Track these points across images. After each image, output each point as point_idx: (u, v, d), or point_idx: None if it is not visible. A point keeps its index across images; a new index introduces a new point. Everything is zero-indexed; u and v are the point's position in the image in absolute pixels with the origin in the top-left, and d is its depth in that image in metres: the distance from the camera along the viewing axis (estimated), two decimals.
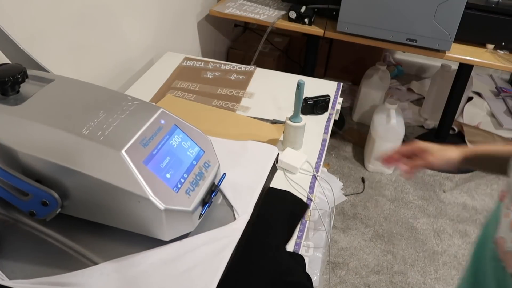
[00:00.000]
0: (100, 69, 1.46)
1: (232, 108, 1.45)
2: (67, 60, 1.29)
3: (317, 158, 1.28)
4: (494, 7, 1.68)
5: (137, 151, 0.59)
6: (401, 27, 1.70)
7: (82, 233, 0.66)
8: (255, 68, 1.68)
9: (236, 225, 0.68)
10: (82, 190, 0.61)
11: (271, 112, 1.44)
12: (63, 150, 0.59)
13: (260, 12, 2.03)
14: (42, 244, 0.65)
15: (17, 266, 0.62)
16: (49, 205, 0.61)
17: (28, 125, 0.61)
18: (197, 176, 0.65)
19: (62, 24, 1.24)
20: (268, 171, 0.78)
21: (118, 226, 0.64)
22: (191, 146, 0.67)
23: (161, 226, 0.60)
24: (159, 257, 0.62)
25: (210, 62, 1.70)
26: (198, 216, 0.64)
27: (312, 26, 1.93)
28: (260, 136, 1.31)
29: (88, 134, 0.60)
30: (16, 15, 1.07)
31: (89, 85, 0.71)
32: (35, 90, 0.67)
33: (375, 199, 2.00)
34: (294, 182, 1.22)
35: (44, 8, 1.16)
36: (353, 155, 2.40)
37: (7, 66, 0.67)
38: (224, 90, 1.55)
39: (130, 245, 0.64)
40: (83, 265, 0.62)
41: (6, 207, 0.68)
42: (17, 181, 0.60)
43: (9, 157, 0.61)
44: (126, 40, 1.57)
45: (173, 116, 0.68)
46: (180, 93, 1.52)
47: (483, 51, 1.78)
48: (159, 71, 1.64)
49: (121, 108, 0.65)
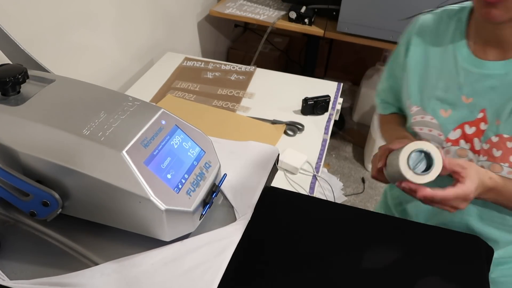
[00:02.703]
0: (101, 69, 1.46)
1: (232, 109, 1.45)
2: (67, 61, 1.29)
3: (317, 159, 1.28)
4: None
5: (138, 151, 0.59)
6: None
7: (82, 233, 0.66)
8: (255, 68, 1.68)
9: (237, 225, 0.68)
10: (82, 190, 0.61)
11: (271, 112, 1.44)
12: (64, 150, 0.59)
13: (260, 12, 2.03)
14: (43, 245, 0.65)
15: (18, 267, 0.62)
16: (49, 206, 0.61)
17: (28, 125, 0.61)
18: (198, 177, 0.65)
19: (62, 24, 1.24)
20: (268, 171, 0.78)
21: (119, 227, 0.64)
22: (192, 147, 0.67)
23: (162, 227, 0.60)
24: (160, 258, 0.62)
25: (210, 62, 1.70)
26: (199, 217, 0.64)
27: (312, 26, 1.93)
28: (261, 136, 1.31)
29: (89, 135, 0.60)
30: (16, 15, 1.07)
31: (90, 86, 0.71)
32: (35, 91, 0.67)
33: (375, 199, 1.99)
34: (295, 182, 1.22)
35: (45, 8, 1.16)
36: (353, 155, 2.41)
37: (7, 66, 0.67)
38: (224, 90, 1.55)
39: (131, 245, 0.64)
40: (84, 265, 0.62)
41: (6, 207, 0.68)
42: (18, 182, 0.60)
43: (9, 158, 0.61)
44: (126, 40, 1.57)
45: (174, 117, 0.68)
46: (180, 93, 1.52)
47: None
48: (159, 71, 1.64)
49: (122, 109, 0.65)
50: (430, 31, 0.85)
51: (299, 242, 0.78)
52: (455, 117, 0.80)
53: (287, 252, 0.76)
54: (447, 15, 0.84)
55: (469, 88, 0.77)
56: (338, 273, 0.73)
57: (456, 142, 0.81)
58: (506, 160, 0.77)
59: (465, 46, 0.80)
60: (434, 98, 0.82)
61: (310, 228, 0.80)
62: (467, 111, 0.78)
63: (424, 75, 0.84)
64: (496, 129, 0.76)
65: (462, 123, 0.79)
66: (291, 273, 0.72)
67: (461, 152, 0.81)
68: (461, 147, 0.80)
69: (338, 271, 0.73)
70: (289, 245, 0.77)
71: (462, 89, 0.78)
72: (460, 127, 0.80)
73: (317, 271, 0.73)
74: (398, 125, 0.95)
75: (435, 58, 0.83)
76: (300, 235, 0.79)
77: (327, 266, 0.74)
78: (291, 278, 0.72)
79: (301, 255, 0.76)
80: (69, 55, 1.29)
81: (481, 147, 0.78)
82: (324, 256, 0.76)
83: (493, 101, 0.76)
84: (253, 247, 0.74)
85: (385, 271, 0.72)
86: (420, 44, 0.85)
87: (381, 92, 1.01)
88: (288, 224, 0.81)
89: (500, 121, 0.75)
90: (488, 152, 0.77)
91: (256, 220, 0.70)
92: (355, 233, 0.70)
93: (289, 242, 0.78)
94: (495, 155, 0.77)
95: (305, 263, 0.74)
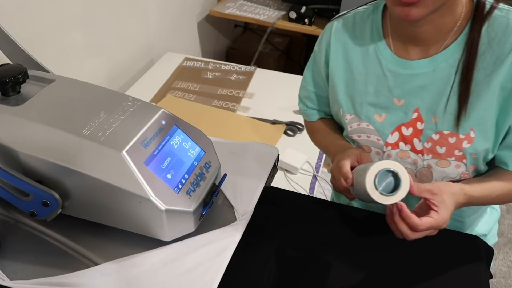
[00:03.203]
0: (101, 69, 1.46)
1: (232, 109, 1.45)
2: (67, 61, 1.29)
3: (317, 159, 1.28)
4: None
5: (138, 151, 0.59)
6: None
7: (83, 233, 0.66)
8: (255, 69, 1.68)
9: (237, 225, 0.68)
10: (83, 190, 0.61)
11: (271, 112, 1.44)
12: (64, 150, 0.59)
13: (260, 12, 2.03)
14: (43, 245, 0.65)
15: (18, 267, 0.62)
16: (50, 206, 0.61)
17: (29, 125, 0.61)
18: (198, 177, 0.65)
19: (62, 24, 1.24)
20: (268, 171, 0.78)
21: (119, 227, 0.64)
22: (192, 147, 0.67)
23: (162, 227, 0.60)
24: (160, 258, 0.62)
25: (210, 62, 1.71)
26: (199, 217, 0.64)
27: (312, 27, 1.93)
28: (261, 136, 1.31)
29: (89, 135, 0.60)
30: (16, 15, 1.07)
31: (90, 86, 0.71)
32: (36, 91, 0.67)
33: None
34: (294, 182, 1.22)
35: (45, 8, 1.16)
36: None
37: (7, 66, 0.67)
38: (224, 90, 1.55)
39: (131, 245, 0.64)
40: (84, 265, 0.62)
41: (6, 207, 0.68)
42: (18, 182, 0.60)
43: (10, 158, 0.61)
44: (126, 40, 1.58)
45: (174, 117, 0.68)
46: (180, 93, 1.52)
47: None
48: (159, 71, 1.64)
49: (122, 109, 0.65)
50: (347, 36, 0.81)
51: (299, 242, 0.78)
52: (390, 120, 0.78)
53: (287, 252, 0.76)
54: (360, 18, 0.81)
55: (399, 90, 0.76)
56: (338, 273, 0.73)
57: (396, 145, 0.80)
58: (452, 155, 0.76)
59: (386, 47, 0.77)
60: (366, 103, 0.80)
61: (310, 228, 0.80)
62: (402, 113, 0.77)
63: (350, 82, 0.81)
64: (435, 126, 0.75)
65: (398, 126, 0.78)
66: (291, 273, 0.72)
67: (403, 154, 0.80)
68: (402, 149, 0.79)
69: (338, 271, 0.73)
70: (289, 245, 0.77)
71: (392, 92, 0.76)
72: (397, 129, 0.78)
73: (317, 271, 0.73)
74: (331, 132, 0.91)
75: (358, 64, 0.80)
76: (300, 235, 0.79)
77: (327, 265, 0.74)
78: (291, 278, 0.72)
79: (301, 255, 0.76)
80: (69, 55, 1.29)
81: (423, 147, 0.77)
82: (324, 255, 0.76)
83: (425, 100, 0.74)
84: (253, 247, 0.74)
85: (385, 271, 0.72)
86: (340, 51, 0.82)
87: (304, 99, 0.96)
88: (288, 224, 0.81)
89: (436, 118, 0.74)
90: (432, 150, 0.76)
91: (256, 220, 0.70)
92: (355, 233, 0.70)
93: (289, 242, 0.78)
94: (440, 152, 0.76)
95: (305, 263, 0.74)
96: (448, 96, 0.72)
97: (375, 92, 0.78)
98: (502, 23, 0.68)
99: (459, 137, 0.74)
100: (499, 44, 0.68)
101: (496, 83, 0.69)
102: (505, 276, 1.84)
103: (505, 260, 1.90)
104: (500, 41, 0.68)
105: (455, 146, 0.75)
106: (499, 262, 1.89)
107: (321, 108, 0.94)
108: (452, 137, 0.74)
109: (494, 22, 0.68)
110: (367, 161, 0.75)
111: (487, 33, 0.69)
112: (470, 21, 0.70)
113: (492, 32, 0.68)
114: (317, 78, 0.89)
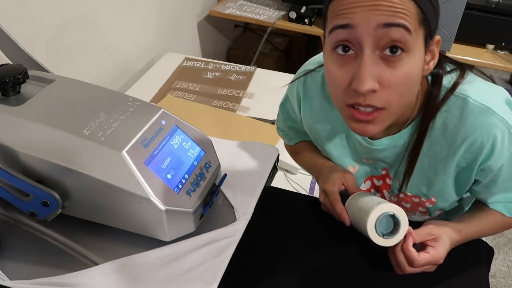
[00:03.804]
0: (101, 70, 1.46)
1: (232, 109, 1.45)
2: (67, 61, 1.29)
3: None
4: (494, 7, 1.67)
5: (138, 151, 0.59)
6: None
7: (83, 233, 0.66)
8: (255, 69, 1.68)
9: (237, 225, 0.68)
10: (83, 190, 0.61)
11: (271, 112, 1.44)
12: (64, 150, 0.59)
13: (260, 12, 2.02)
14: (43, 245, 0.65)
15: (18, 267, 0.62)
16: (50, 206, 0.61)
17: (29, 125, 0.61)
18: (198, 177, 0.65)
19: (63, 24, 1.24)
20: (269, 171, 0.78)
21: (119, 227, 0.64)
22: (192, 147, 0.67)
23: (162, 227, 0.60)
24: (160, 258, 0.62)
25: (210, 62, 1.70)
26: (199, 217, 0.64)
27: (312, 27, 1.92)
28: (261, 136, 1.31)
29: (89, 135, 0.60)
30: (16, 15, 1.07)
31: (90, 86, 0.71)
32: (36, 91, 0.67)
33: None
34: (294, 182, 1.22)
35: (45, 8, 1.16)
36: None
37: (7, 66, 0.67)
38: (225, 90, 1.55)
39: (131, 245, 0.64)
40: (84, 265, 0.62)
41: (6, 207, 0.68)
42: (18, 182, 0.60)
43: (10, 158, 0.61)
44: (126, 40, 1.57)
45: (174, 117, 0.68)
46: (180, 93, 1.52)
47: (483, 51, 1.78)
48: (159, 71, 1.64)
49: (122, 109, 0.65)
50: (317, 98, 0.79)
51: (299, 242, 0.78)
52: (362, 171, 0.81)
53: (287, 252, 0.76)
54: None
55: (366, 155, 0.77)
56: (339, 273, 0.73)
57: (369, 191, 0.82)
58: (416, 210, 0.79)
59: None
60: (339, 155, 0.81)
61: (310, 228, 0.80)
62: (372, 168, 0.80)
63: (325, 137, 0.81)
64: (399, 187, 0.76)
65: (370, 176, 0.81)
66: (291, 272, 0.72)
67: None
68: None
69: (338, 271, 0.73)
70: (289, 245, 0.77)
71: (360, 154, 0.78)
72: (369, 179, 0.81)
73: (317, 271, 0.73)
74: (311, 152, 0.90)
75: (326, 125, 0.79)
76: (300, 235, 0.79)
77: (327, 265, 0.74)
78: (291, 278, 0.72)
79: (301, 255, 0.76)
80: (70, 55, 1.29)
81: (390, 199, 0.80)
82: (324, 255, 0.76)
83: (389, 165, 0.77)
84: (253, 247, 0.74)
85: (385, 271, 0.72)
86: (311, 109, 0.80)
87: (282, 128, 0.95)
88: (288, 224, 0.81)
89: (400, 181, 0.76)
90: (398, 203, 0.78)
91: (256, 220, 0.70)
92: (355, 233, 0.70)
93: (289, 242, 0.78)
94: (405, 206, 0.79)
95: (305, 262, 0.74)
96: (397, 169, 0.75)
97: (346, 149, 0.80)
98: (455, 114, 0.66)
99: (421, 199, 0.76)
100: (452, 133, 0.67)
101: (451, 164, 0.69)
102: (505, 276, 1.84)
103: (505, 260, 1.90)
104: (453, 131, 0.67)
105: (419, 204, 0.78)
106: (499, 262, 1.89)
107: (300, 136, 0.93)
108: (416, 198, 0.77)
109: (449, 110, 0.67)
110: (352, 182, 0.76)
111: (441, 120, 0.67)
112: (422, 112, 0.69)
113: (446, 120, 0.67)
114: (292, 115, 0.89)
